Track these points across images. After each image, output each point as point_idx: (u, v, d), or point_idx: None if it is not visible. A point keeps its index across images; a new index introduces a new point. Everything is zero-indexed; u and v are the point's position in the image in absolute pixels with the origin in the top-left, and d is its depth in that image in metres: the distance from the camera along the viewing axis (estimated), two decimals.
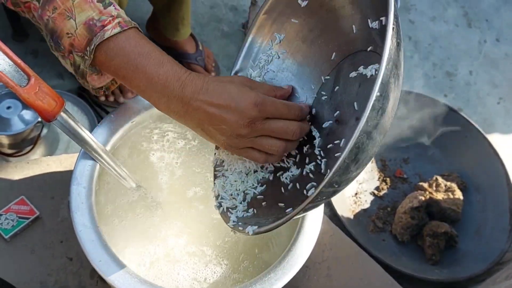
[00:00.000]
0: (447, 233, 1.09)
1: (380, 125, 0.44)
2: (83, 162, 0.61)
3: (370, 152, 0.46)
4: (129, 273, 0.54)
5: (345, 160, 0.42)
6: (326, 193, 0.46)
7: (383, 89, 0.42)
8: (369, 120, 0.42)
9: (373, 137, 0.44)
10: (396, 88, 0.45)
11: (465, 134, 1.24)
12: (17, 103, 1.04)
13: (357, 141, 0.42)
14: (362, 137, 0.42)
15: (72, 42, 0.53)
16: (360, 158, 0.44)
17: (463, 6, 1.79)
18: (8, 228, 0.74)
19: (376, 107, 0.42)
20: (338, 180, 0.45)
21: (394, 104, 0.46)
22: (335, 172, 0.43)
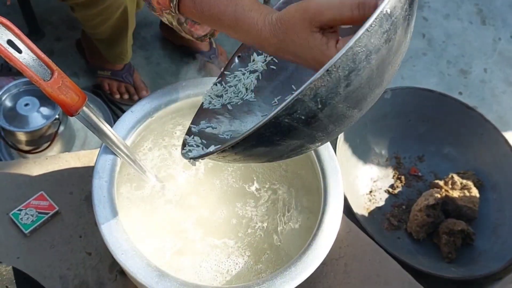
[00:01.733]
0: (464, 231, 1.08)
1: (381, 55, 0.40)
2: (105, 156, 0.61)
3: (362, 87, 0.41)
4: (151, 266, 0.55)
5: (338, 69, 0.38)
6: (306, 107, 0.40)
7: (393, 11, 0.39)
8: (373, 35, 0.38)
9: (371, 64, 0.40)
10: (404, 33, 0.42)
11: (481, 132, 1.23)
12: (34, 100, 1.05)
13: (355, 52, 0.38)
14: (361, 49, 0.38)
15: (158, 0, 0.54)
16: (353, 81, 0.40)
17: (477, 3, 1.77)
18: (28, 223, 0.75)
19: (383, 26, 0.38)
20: (324, 95, 0.39)
21: (399, 46, 0.42)
22: (323, 75, 0.38)
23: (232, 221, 0.67)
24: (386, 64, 0.42)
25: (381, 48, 0.40)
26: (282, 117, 0.40)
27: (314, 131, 0.43)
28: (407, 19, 0.42)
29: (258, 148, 0.44)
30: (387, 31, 0.39)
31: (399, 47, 0.43)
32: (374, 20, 0.38)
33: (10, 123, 1.04)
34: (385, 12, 0.38)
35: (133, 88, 1.35)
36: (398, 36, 0.41)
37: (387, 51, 0.41)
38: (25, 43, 0.51)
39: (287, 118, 0.40)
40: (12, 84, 1.06)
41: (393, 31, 0.40)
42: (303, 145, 0.46)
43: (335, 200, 0.64)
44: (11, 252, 0.73)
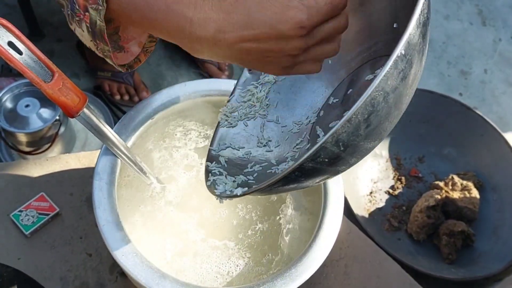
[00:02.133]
0: (464, 232, 1.09)
1: (398, 92, 0.41)
2: (105, 158, 0.61)
3: (382, 122, 0.42)
4: (151, 268, 0.55)
5: (358, 116, 0.39)
6: (329, 152, 0.41)
7: (408, 50, 0.39)
8: (390, 78, 0.39)
9: (389, 102, 0.41)
10: (419, 62, 0.43)
11: (481, 133, 1.23)
12: (35, 101, 1.05)
13: (374, 97, 0.39)
14: (379, 94, 0.39)
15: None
16: (372, 122, 0.41)
17: (477, 4, 1.78)
18: (28, 224, 0.75)
19: (398, 66, 0.39)
20: (346, 139, 0.40)
21: (415, 79, 0.43)
22: (344, 124, 0.39)
23: (233, 223, 0.67)
24: (403, 98, 0.43)
25: (398, 86, 0.41)
26: (306, 163, 0.41)
27: (338, 167, 0.45)
28: (421, 51, 0.42)
29: (284, 187, 0.46)
30: (402, 70, 0.40)
31: (415, 77, 0.44)
32: (391, 65, 0.39)
33: (10, 124, 1.04)
34: (400, 54, 0.39)
35: (134, 89, 1.35)
36: (413, 70, 0.42)
37: (404, 87, 0.42)
38: (26, 44, 0.51)
39: (311, 163, 0.42)
40: (13, 85, 1.06)
41: (409, 67, 0.41)
42: (328, 178, 0.48)
43: (336, 201, 0.64)
44: (11, 253, 0.73)
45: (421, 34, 0.41)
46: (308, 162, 0.41)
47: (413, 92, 0.45)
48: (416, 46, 0.40)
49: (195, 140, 0.72)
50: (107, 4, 0.48)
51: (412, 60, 0.40)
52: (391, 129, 0.46)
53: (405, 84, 0.41)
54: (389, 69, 0.39)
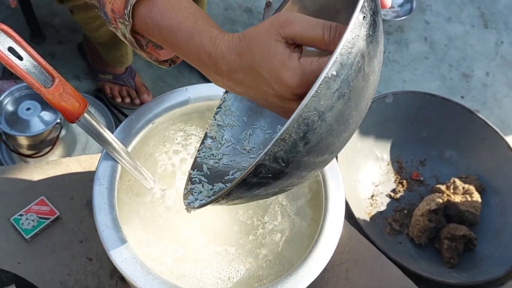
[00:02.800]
0: (466, 236, 1.08)
1: (337, 110, 0.40)
2: (105, 162, 0.61)
3: (325, 139, 0.42)
4: (151, 274, 0.55)
5: (291, 134, 0.39)
6: (271, 168, 0.41)
7: (341, 70, 0.38)
8: (322, 98, 0.38)
9: (327, 121, 0.40)
10: (362, 80, 0.41)
11: (483, 136, 1.23)
12: (36, 104, 1.05)
13: (306, 117, 0.39)
14: (311, 113, 0.39)
15: (112, 7, 0.51)
16: (311, 140, 0.40)
17: (479, 6, 1.77)
18: (28, 228, 0.75)
19: (331, 87, 0.38)
20: (284, 156, 0.40)
21: (360, 97, 0.42)
22: (277, 142, 0.39)
23: (234, 228, 0.67)
24: (347, 114, 0.42)
25: (335, 105, 0.40)
26: (249, 179, 0.42)
27: (289, 179, 0.44)
28: (362, 69, 0.41)
29: (240, 200, 0.47)
30: (337, 89, 0.39)
31: (360, 96, 0.42)
32: (318, 87, 0.38)
33: (11, 127, 1.04)
34: (330, 75, 0.38)
35: (135, 92, 1.35)
36: (355, 88, 0.41)
37: (343, 104, 0.40)
38: (26, 50, 0.51)
39: (255, 178, 0.42)
40: (14, 88, 1.06)
41: (346, 86, 0.39)
42: (283, 190, 0.48)
43: (336, 206, 0.64)
44: (11, 257, 0.73)
45: (360, 51, 0.39)
46: (250, 178, 0.42)
47: (364, 107, 0.44)
48: (353, 65, 0.39)
49: (196, 145, 0.72)
50: (133, 20, 0.50)
51: (349, 78, 0.39)
52: (346, 141, 0.45)
53: (346, 102, 0.40)
54: (319, 90, 0.38)
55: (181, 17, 0.49)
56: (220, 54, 0.46)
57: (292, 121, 0.38)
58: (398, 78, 1.55)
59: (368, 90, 0.43)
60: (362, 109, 0.44)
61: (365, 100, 0.43)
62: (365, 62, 0.41)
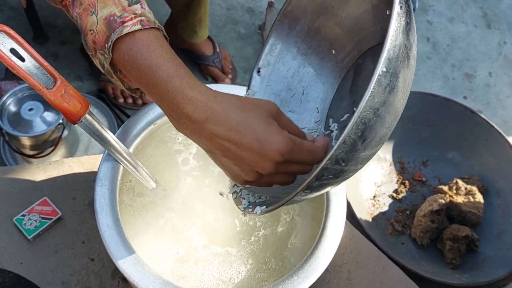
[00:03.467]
0: (468, 237, 1.08)
1: (388, 103, 0.42)
2: (107, 163, 0.61)
3: (379, 131, 0.44)
4: (153, 275, 0.55)
5: (351, 136, 0.41)
6: (332, 170, 0.43)
7: (389, 65, 0.41)
8: (376, 95, 0.41)
9: (381, 115, 0.42)
10: (407, 68, 0.44)
11: (486, 137, 1.23)
12: (39, 104, 1.06)
13: (363, 116, 0.41)
14: (368, 112, 0.41)
15: (94, 39, 0.51)
16: (368, 136, 0.43)
17: (482, 7, 1.77)
18: (31, 228, 0.75)
19: (382, 83, 0.41)
20: (344, 157, 0.43)
21: (405, 84, 0.44)
22: (339, 146, 0.41)
23: (236, 229, 0.67)
24: (396, 105, 0.44)
25: (387, 99, 0.42)
26: (312, 183, 0.44)
27: (346, 175, 0.47)
28: (406, 58, 0.43)
29: (303, 199, 0.49)
30: (388, 84, 0.41)
31: (405, 83, 0.45)
32: (374, 86, 0.40)
33: (14, 127, 1.04)
34: (380, 72, 0.40)
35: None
36: (401, 78, 0.43)
37: (394, 96, 0.43)
38: (28, 51, 0.51)
39: (317, 182, 0.44)
40: (16, 88, 1.07)
41: (395, 79, 0.42)
42: (343, 179, 0.49)
43: (338, 207, 0.64)
44: (14, 258, 0.73)
45: (403, 42, 0.42)
46: (313, 181, 0.43)
47: (408, 92, 0.46)
48: (398, 57, 0.41)
49: (197, 146, 0.72)
50: (112, 55, 0.51)
51: (397, 71, 0.42)
52: (392, 129, 0.47)
53: (395, 93, 0.43)
54: (373, 89, 0.40)
55: (161, 59, 0.49)
56: (204, 101, 0.47)
57: (353, 123, 0.41)
58: None
59: (411, 75, 0.46)
60: (407, 94, 0.46)
61: (409, 86, 0.46)
62: (407, 50, 0.43)
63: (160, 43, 0.50)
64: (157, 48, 0.50)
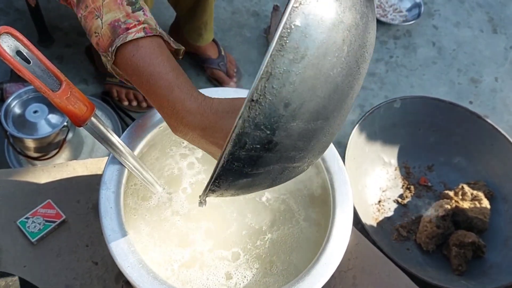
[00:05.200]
0: (475, 243, 1.07)
1: (312, 63, 0.37)
2: (112, 166, 0.61)
3: (309, 98, 0.38)
4: (157, 279, 0.54)
5: (264, 94, 0.37)
6: (256, 137, 0.39)
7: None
8: (288, 48, 0.36)
9: (301, 73, 0.37)
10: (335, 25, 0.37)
11: (492, 142, 1.22)
12: (43, 107, 1.06)
13: (272, 70, 0.36)
14: (280, 64, 0.36)
15: (98, 41, 0.53)
16: (291, 99, 0.38)
17: (488, 11, 1.76)
18: (35, 231, 0.75)
19: (295, 33, 0.36)
20: (266, 122, 0.38)
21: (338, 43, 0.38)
22: (248, 104, 0.37)
23: (242, 233, 0.66)
24: (326, 67, 0.39)
25: (306, 54, 0.37)
26: (237, 151, 0.39)
27: (284, 153, 0.41)
28: None
29: (239, 181, 0.43)
30: (304, 35, 0.37)
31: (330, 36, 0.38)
32: (282, 31, 0.36)
33: (19, 130, 1.04)
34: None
35: (142, 95, 1.35)
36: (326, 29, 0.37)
37: (316, 52, 0.38)
38: (34, 53, 0.50)
39: (243, 151, 0.40)
40: (21, 91, 1.07)
41: (315, 28, 0.37)
42: (286, 167, 0.44)
43: (344, 212, 0.63)
44: (17, 261, 0.73)
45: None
46: (237, 150, 0.39)
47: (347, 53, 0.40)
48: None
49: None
50: (115, 58, 0.53)
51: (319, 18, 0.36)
52: (341, 104, 0.42)
53: (318, 48, 0.37)
54: (283, 35, 0.36)
55: (163, 68, 0.51)
56: (202, 111, 0.49)
57: (259, 78, 0.36)
58: (406, 83, 1.54)
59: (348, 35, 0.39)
60: (346, 61, 0.40)
61: (345, 47, 0.39)
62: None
63: (161, 51, 0.52)
64: (158, 56, 0.52)
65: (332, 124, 0.43)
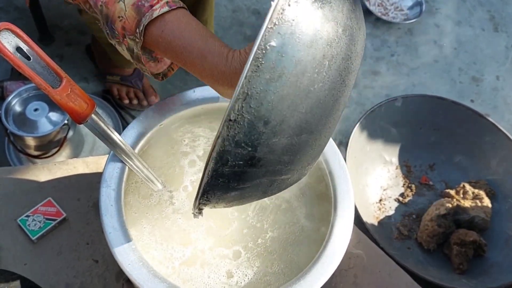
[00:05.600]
0: (476, 241, 1.07)
1: (288, 80, 0.37)
2: (113, 164, 0.61)
3: (289, 115, 0.38)
4: (158, 277, 0.54)
5: (242, 114, 0.37)
6: (237, 154, 0.38)
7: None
8: (262, 69, 0.36)
9: (278, 91, 0.37)
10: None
11: (493, 141, 1.21)
12: (44, 105, 1.05)
13: (248, 90, 0.37)
14: (256, 85, 0.36)
15: (123, 25, 0.53)
16: (270, 117, 0.38)
17: (489, 10, 1.76)
18: (35, 229, 0.75)
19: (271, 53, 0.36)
20: (245, 139, 0.38)
21: (313, 57, 0.38)
22: (226, 124, 0.37)
23: (243, 231, 0.66)
24: (304, 83, 0.38)
25: (282, 73, 0.37)
26: (220, 168, 0.39)
27: (269, 167, 0.41)
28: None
29: (228, 194, 0.43)
30: (279, 52, 0.37)
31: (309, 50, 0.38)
32: (254, 55, 0.36)
33: (19, 128, 1.04)
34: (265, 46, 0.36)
35: (142, 93, 1.34)
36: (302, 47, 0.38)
37: (293, 70, 0.37)
38: (34, 50, 0.50)
39: (226, 168, 0.39)
40: (21, 88, 1.06)
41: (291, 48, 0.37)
42: (274, 180, 0.44)
43: (346, 211, 0.63)
44: (18, 259, 0.73)
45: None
46: (220, 167, 0.39)
47: (328, 65, 0.39)
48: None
49: (203, 147, 0.71)
50: (144, 38, 0.52)
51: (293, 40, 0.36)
52: (324, 116, 0.41)
53: (296, 66, 0.37)
54: (257, 59, 0.36)
55: (192, 38, 0.51)
56: (233, 70, 0.49)
57: (235, 98, 0.36)
58: (407, 81, 1.54)
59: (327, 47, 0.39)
60: (328, 75, 0.39)
61: (326, 61, 0.39)
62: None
63: (187, 20, 0.52)
64: (186, 27, 0.52)
65: (318, 137, 0.43)
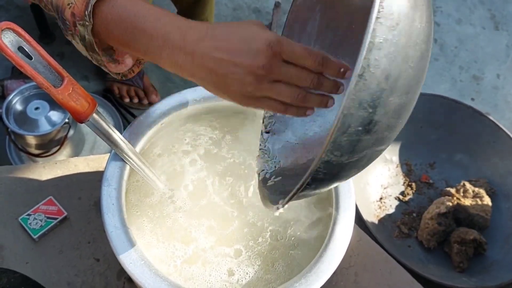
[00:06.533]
0: (476, 240, 1.07)
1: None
2: (114, 163, 0.61)
3: (405, 64, 0.39)
4: (159, 276, 0.54)
5: (372, 66, 0.36)
6: (357, 117, 0.38)
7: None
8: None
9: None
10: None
11: (493, 139, 1.21)
12: (44, 104, 1.06)
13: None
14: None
15: (72, 11, 0.51)
16: (392, 70, 0.38)
17: (490, 8, 1.76)
18: (36, 228, 0.75)
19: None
20: (369, 98, 0.38)
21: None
22: (356, 82, 0.36)
23: (244, 230, 0.66)
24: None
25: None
26: (339, 138, 0.38)
27: (379, 134, 0.41)
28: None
29: (333, 172, 0.43)
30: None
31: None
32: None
33: (20, 126, 1.04)
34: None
35: (143, 92, 1.35)
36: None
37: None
38: (36, 49, 0.50)
39: (344, 137, 0.39)
40: (22, 87, 1.06)
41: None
42: (374, 151, 0.43)
43: (346, 210, 0.63)
44: (19, 257, 0.73)
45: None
46: (339, 136, 0.39)
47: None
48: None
49: (205, 146, 0.71)
50: (94, 20, 0.50)
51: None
52: (419, 78, 0.42)
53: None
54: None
55: (145, 7, 0.50)
56: (192, 24, 0.48)
57: (366, 49, 0.36)
58: None
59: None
60: (423, 28, 0.40)
61: (424, 15, 0.40)
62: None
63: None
64: (135, 3, 0.50)
65: (414, 98, 0.43)
